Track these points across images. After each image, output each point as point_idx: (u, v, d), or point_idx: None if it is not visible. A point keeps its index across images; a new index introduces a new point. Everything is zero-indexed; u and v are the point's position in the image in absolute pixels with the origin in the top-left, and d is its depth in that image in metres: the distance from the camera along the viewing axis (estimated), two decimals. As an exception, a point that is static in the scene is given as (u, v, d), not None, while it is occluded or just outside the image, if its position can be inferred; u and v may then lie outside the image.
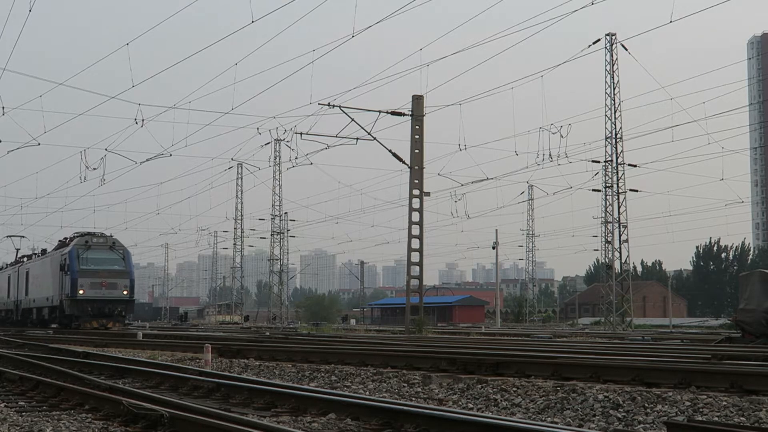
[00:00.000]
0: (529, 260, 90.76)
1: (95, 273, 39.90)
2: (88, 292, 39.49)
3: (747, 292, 22.19)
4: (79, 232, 43.09)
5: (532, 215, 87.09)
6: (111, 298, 39.93)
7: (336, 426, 7.88)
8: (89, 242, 40.85)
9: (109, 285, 39.98)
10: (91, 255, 40.30)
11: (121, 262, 40.88)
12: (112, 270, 40.43)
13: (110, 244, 41.44)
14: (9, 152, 39.02)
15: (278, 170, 68.31)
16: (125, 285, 40.45)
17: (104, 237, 41.83)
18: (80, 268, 39.73)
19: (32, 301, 46.97)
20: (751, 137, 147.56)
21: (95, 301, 39.61)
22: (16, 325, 49.71)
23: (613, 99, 47.92)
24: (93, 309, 39.45)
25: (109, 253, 40.96)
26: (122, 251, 41.50)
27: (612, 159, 48.15)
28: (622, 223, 48.69)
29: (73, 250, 40.33)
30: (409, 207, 37.00)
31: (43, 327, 43.79)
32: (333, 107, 34.99)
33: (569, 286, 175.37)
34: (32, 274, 47.61)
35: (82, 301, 39.36)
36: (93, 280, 39.72)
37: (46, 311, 43.91)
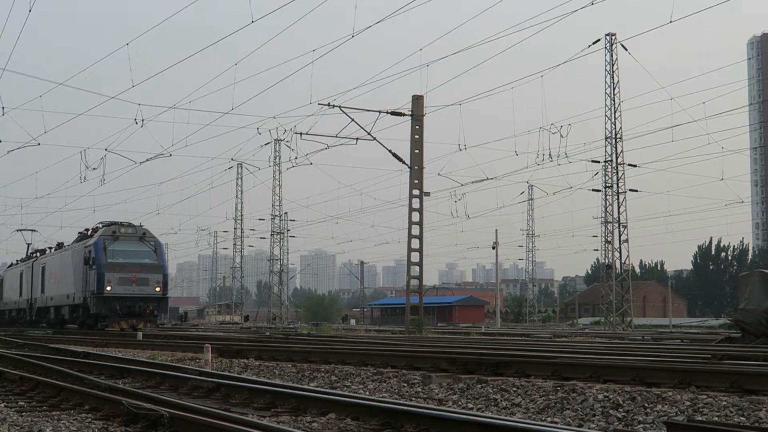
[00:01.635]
0: (529, 260, 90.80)
1: (124, 267, 35.62)
2: (116, 288, 35.22)
3: (747, 292, 22.18)
4: (105, 222, 38.72)
5: (532, 215, 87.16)
6: (142, 296, 35.71)
7: (336, 426, 7.88)
8: (117, 232, 36.50)
9: (140, 280, 35.71)
10: (120, 247, 36.07)
11: (152, 255, 36.60)
12: (142, 264, 36.17)
13: (140, 234, 37.03)
14: (9, 152, 39.00)
15: (278, 170, 68.36)
16: (157, 280, 36.23)
17: (133, 227, 37.54)
18: (107, 262, 35.43)
19: (49, 299, 42.88)
20: (751, 137, 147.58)
21: (124, 299, 35.39)
22: (30, 326, 46.26)
23: (613, 99, 47.93)
24: (122, 308, 35.21)
25: (139, 244, 36.66)
26: (153, 243, 37.17)
27: (612, 159, 48.15)
28: (622, 223, 48.69)
29: (99, 241, 36.00)
30: (409, 207, 37.01)
31: (61, 327, 40.68)
32: (333, 107, 35.02)
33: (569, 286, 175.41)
34: (50, 270, 43.31)
35: (110, 298, 35.14)
36: (122, 275, 35.41)
37: (66, 310, 39.92)
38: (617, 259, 49.21)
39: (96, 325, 35.73)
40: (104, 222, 38.58)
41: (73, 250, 39.48)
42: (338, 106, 35.18)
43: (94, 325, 36.14)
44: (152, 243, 37.01)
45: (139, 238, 36.76)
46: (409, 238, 36.98)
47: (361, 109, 35.98)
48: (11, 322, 52.74)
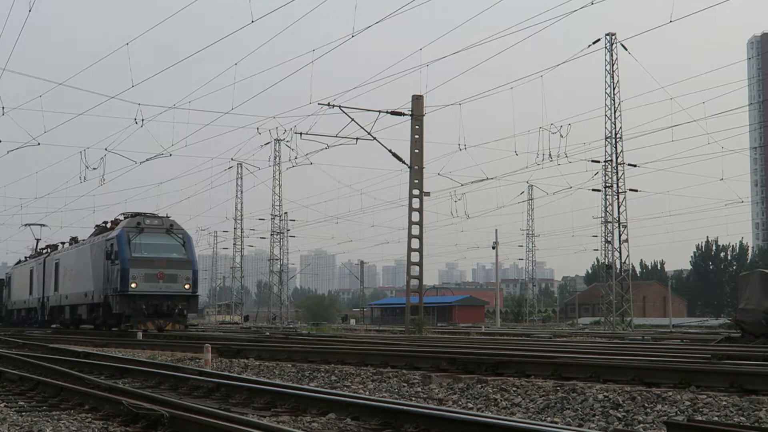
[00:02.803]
0: (529, 260, 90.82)
1: (150, 262, 32.26)
2: (141, 285, 31.88)
3: (747, 292, 22.20)
4: (127, 213, 35.41)
5: (532, 215, 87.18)
6: (170, 293, 32.34)
7: (336, 426, 7.88)
8: (141, 224, 33.07)
9: (168, 277, 32.39)
10: (145, 240, 32.77)
11: (180, 249, 33.21)
12: (170, 258, 32.82)
13: (167, 226, 33.64)
14: (9, 152, 38.99)
15: (278, 170, 68.37)
16: (187, 277, 32.85)
17: (159, 218, 34.22)
18: (132, 256, 32.01)
19: (64, 297, 39.54)
20: (751, 137, 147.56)
21: (151, 297, 31.98)
22: (42, 326, 43.38)
23: (613, 99, 47.93)
24: (148, 307, 31.77)
25: (167, 237, 33.31)
26: (182, 235, 33.72)
27: (612, 159, 48.15)
28: (622, 223, 48.69)
29: (123, 233, 32.57)
30: (409, 207, 37.01)
31: (76, 328, 38.31)
32: (333, 107, 35.01)
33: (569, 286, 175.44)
34: (64, 266, 39.88)
35: (135, 296, 31.76)
36: (148, 270, 32.09)
37: (83, 309, 36.54)
38: (617, 259, 49.23)
39: (118, 326, 32.86)
40: (126, 213, 35.39)
41: (91, 245, 36.28)
42: (338, 105, 35.18)
43: (116, 326, 33.40)
44: (180, 236, 33.69)
45: (166, 231, 33.42)
46: (409, 238, 36.98)
47: (361, 109, 36.00)
48: (20, 322, 49.96)
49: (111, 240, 33.14)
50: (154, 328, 31.47)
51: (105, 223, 37.31)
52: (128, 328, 32.09)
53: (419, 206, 36.98)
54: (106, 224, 36.99)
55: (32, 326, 44.82)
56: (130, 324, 31.78)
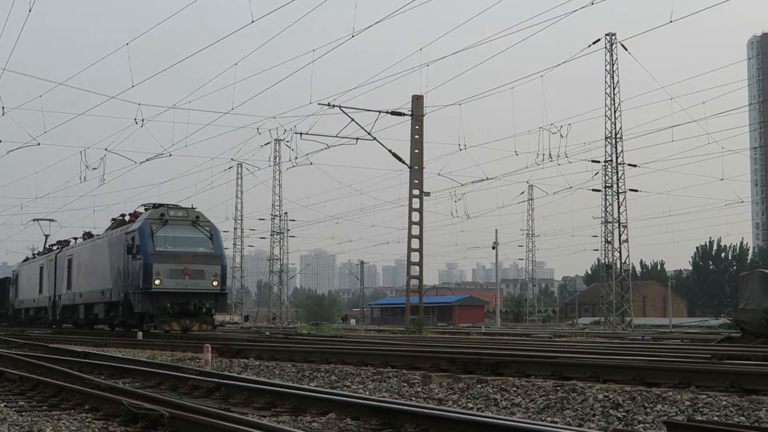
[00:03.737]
0: (529, 260, 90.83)
1: (175, 257, 29.57)
2: (166, 282, 29.24)
3: (747, 292, 22.19)
4: (147, 204, 32.62)
5: (532, 215, 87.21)
6: (197, 291, 29.67)
7: (336, 426, 7.88)
8: (165, 215, 30.40)
9: (194, 273, 29.71)
10: (169, 233, 30.10)
11: (207, 243, 30.55)
12: (197, 253, 30.10)
13: (193, 218, 30.88)
14: (9, 152, 39.02)
15: (278, 170, 68.41)
16: (215, 273, 30.12)
17: (184, 209, 31.47)
18: (155, 251, 29.38)
19: (78, 295, 37.07)
20: (751, 137, 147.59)
21: (176, 295, 29.31)
22: (52, 326, 41.54)
23: (613, 99, 47.95)
24: (173, 305, 29.13)
25: (193, 230, 30.56)
26: (208, 228, 31.00)
27: (612, 159, 48.18)
28: (622, 223, 48.71)
29: (145, 225, 29.95)
30: (409, 207, 37.01)
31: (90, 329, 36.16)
32: (333, 107, 35.04)
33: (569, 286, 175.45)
34: (78, 262, 37.30)
35: (159, 294, 29.11)
36: (173, 266, 29.41)
37: (100, 308, 34.15)
38: (617, 259, 49.24)
39: (140, 327, 30.30)
40: (147, 204, 32.61)
41: (109, 239, 33.63)
42: (338, 106, 35.20)
43: (136, 327, 30.91)
44: (207, 228, 30.94)
45: (192, 223, 30.64)
46: (409, 238, 36.99)
47: (361, 109, 36.02)
48: (29, 322, 47.29)
49: (132, 233, 30.46)
50: (180, 328, 29.04)
51: (122, 215, 35.10)
52: (151, 328, 29.75)
53: (419, 206, 36.98)
54: (123, 217, 34.73)
55: (42, 326, 43.04)
56: (154, 324, 29.33)
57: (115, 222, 35.25)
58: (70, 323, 39.25)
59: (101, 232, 38.03)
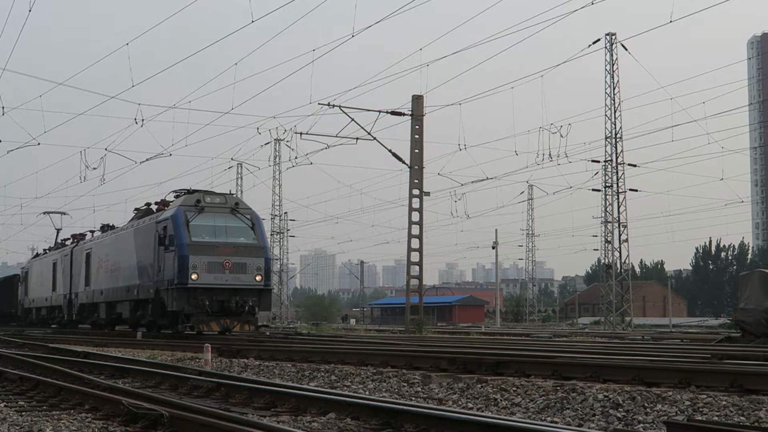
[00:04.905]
0: (529, 260, 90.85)
1: (214, 248, 26.23)
2: (204, 277, 25.88)
3: (747, 292, 22.19)
4: (179, 190, 29.29)
5: (532, 215, 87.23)
6: (238, 286, 26.32)
7: (336, 426, 7.87)
8: (201, 202, 27.02)
9: (235, 266, 26.38)
10: (206, 221, 26.79)
11: (249, 233, 27.19)
12: (238, 244, 26.80)
13: (232, 204, 27.60)
14: (9, 152, 39.02)
15: (278, 170, 68.38)
16: (258, 266, 26.73)
17: (221, 195, 28.11)
18: (192, 241, 25.99)
19: (98, 293, 33.78)
20: (751, 137, 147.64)
21: (215, 291, 25.99)
22: (67, 326, 38.67)
23: (613, 99, 47.97)
24: (212, 303, 25.73)
25: (232, 218, 27.24)
26: (249, 215, 27.58)
27: (612, 159, 48.20)
28: (622, 223, 48.73)
29: (179, 213, 26.53)
30: (409, 207, 37.02)
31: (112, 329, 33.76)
32: (333, 107, 35.06)
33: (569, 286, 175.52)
34: (99, 256, 34.13)
35: (196, 290, 25.69)
36: (212, 258, 26.06)
37: (124, 307, 30.85)
38: (617, 259, 49.25)
39: (175, 327, 27.08)
40: (178, 190, 29.33)
41: (135, 229, 30.28)
42: (338, 105, 35.22)
43: (169, 327, 27.83)
44: (248, 216, 27.56)
45: (231, 210, 27.37)
46: (409, 237, 36.99)
47: (361, 109, 36.05)
48: (41, 322, 44.11)
49: (164, 222, 27.12)
50: (219, 329, 25.90)
51: (148, 204, 31.84)
52: (187, 329, 26.46)
53: (419, 206, 37.00)
54: (149, 206, 31.62)
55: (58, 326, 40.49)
56: (190, 324, 26.02)
57: (140, 212, 32.16)
58: (88, 323, 36.49)
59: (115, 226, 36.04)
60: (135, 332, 30.32)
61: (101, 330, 34.19)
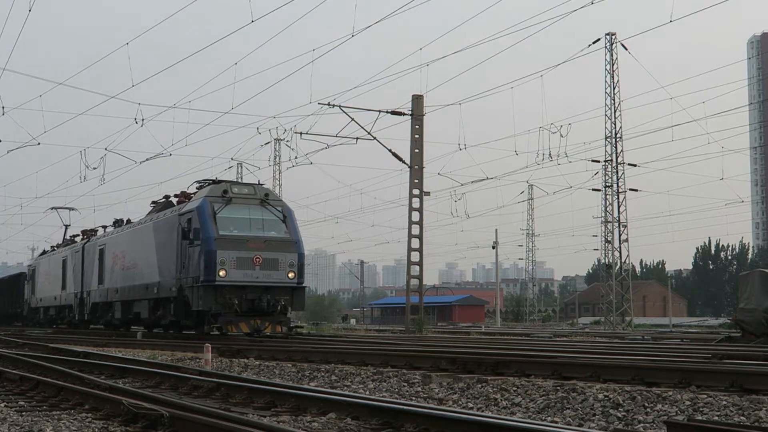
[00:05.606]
0: (529, 260, 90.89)
1: (243, 242, 24.38)
2: (233, 273, 24.04)
3: (747, 292, 22.21)
4: (203, 180, 27.38)
5: (532, 215, 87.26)
6: (270, 284, 24.46)
7: (336, 425, 7.87)
8: (229, 192, 25.14)
9: (266, 262, 24.45)
10: (234, 213, 24.95)
11: (280, 226, 25.33)
12: (269, 238, 24.92)
13: (261, 195, 25.65)
14: (9, 152, 39.01)
15: (278, 170, 68.28)
16: (291, 262, 24.76)
17: (250, 185, 26.32)
18: (219, 235, 24.18)
19: (113, 292, 31.85)
20: (751, 137, 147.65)
21: (245, 289, 24.16)
22: (78, 327, 37.06)
23: (613, 99, 47.99)
24: (241, 302, 23.97)
25: (262, 210, 25.34)
26: (281, 207, 25.72)
27: (612, 159, 48.23)
28: (622, 223, 48.74)
29: (205, 204, 24.63)
30: (409, 207, 37.02)
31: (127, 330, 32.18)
32: (333, 107, 35.06)
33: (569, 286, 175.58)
34: (113, 252, 32.22)
35: (225, 288, 23.90)
36: (240, 253, 24.23)
37: (143, 306, 28.91)
38: (617, 259, 49.25)
39: (200, 328, 25.21)
40: (202, 181, 27.41)
41: (155, 223, 28.39)
42: (338, 105, 35.22)
43: (194, 328, 25.93)
44: (279, 208, 25.67)
45: (261, 201, 25.46)
46: (409, 237, 37.00)
47: (361, 109, 36.05)
48: (49, 322, 42.40)
49: (188, 214, 25.22)
50: (249, 330, 24.01)
51: (166, 197, 29.83)
52: (213, 330, 24.64)
53: (419, 206, 37.00)
54: (168, 198, 29.59)
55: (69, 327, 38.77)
56: (218, 325, 24.21)
57: (158, 205, 30.27)
58: (101, 324, 34.65)
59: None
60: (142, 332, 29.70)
61: (115, 330, 32.60)
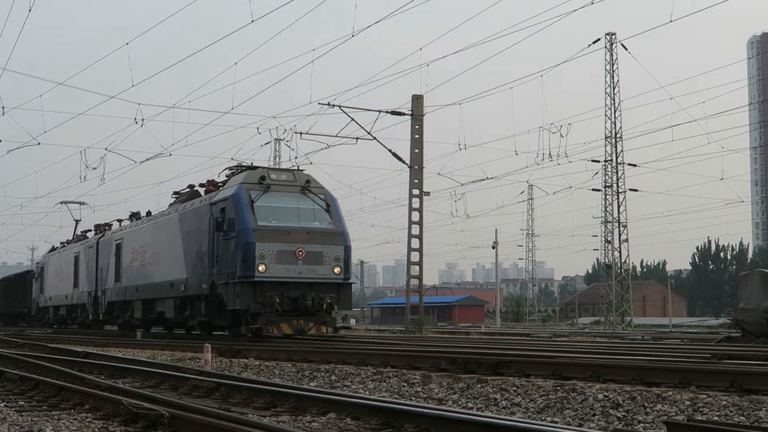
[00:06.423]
0: (529, 260, 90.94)
1: (284, 234, 22.04)
2: (273, 268, 21.68)
3: (747, 292, 22.20)
4: (236, 167, 25.05)
5: (531, 215, 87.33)
6: (314, 280, 22.19)
7: (336, 425, 7.88)
8: (267, 179, 22.80)
9: (309, 256, 22.14)
10: (273, 201, 22.64)
11: (324, 215, 23.06)
12: (312, 229, 22.58)
13: (302, 182, 23.26)
14: (9, 152, 39.00)
15: (278, 170, 68.32)
16: (336, 256, 22.54)
17: (289, 171, 24.30)
18: (258, 226, 21.83)
19: (132, 290, 29.56)
20: (751, 137, 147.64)
21: (287, 286, 21.85)
22: (92, 327, 35.35)
23: (613, 98, 47.99)
24: (283, 300, 21.57)
25: (303, 198, 23.05)
26: (323, 195, 23.35)
27: (612, 158, 48.22)
28: (621, 223, 48.73)
29: (241, 191, 22.33)
30: (409, 207, 37.02)
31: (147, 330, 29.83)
32: (333, 107, 35.03)
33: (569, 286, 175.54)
34: (133, 247, 29.89)
35: (265, 284, 21.64)
36: (282, 246, 21.86)
37: (168, 306, 26.49)
38: (617, 259, 49.25)
39: (236, 329, 22.88)
40: (234, 167, 25.04)
41: (181, 214, 25.91)
42: (338, 105, 35.19)
43: (230, 329, 23.52)
44: (321, 196, 23.30)
45: (301, 189, 23.09)
46: (409, 237, 36.99)
47: (361, 109, 36.01)
48: (59, 322, 40.66)
49: (222, 203, 22.83)
50: (291, 331, 21.95)
51: (191, 186, 27.68)
52: (252, 331, 21.82)
53: (419, 206, 36.99)
54: (192, 187, 27.45)
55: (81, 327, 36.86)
56: (257, 326, 21.68)
57: (182, 195, 28.01)
58: (117, 324, 32.52)
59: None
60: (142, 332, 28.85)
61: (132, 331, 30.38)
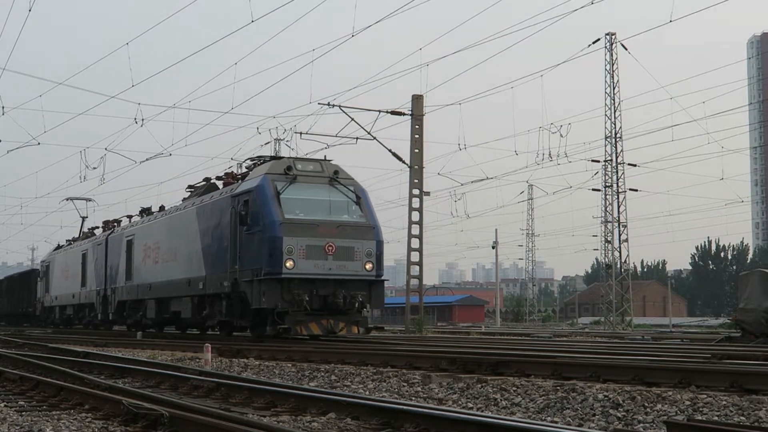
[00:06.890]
0: (529, 260, 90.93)
1: (313, 228, 20.72)
2: (301, 264, 20.36)
3: (747, 292, 22.20)
4: (259, 157, 23.77)
5: (531, 215, 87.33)
6: (345, 277, 20.90)
7: (336, 425, 7.88)
8: (293, 169, 21.37)
9: (340, 252, 20.81)
10: (300, 193, 21.26)
11: (354, 208, 21.79)
12: (342, 222, 21.31)
13: (330, 173, 21.87)
14: (9, 152, 38.99)
15: (278, 170, 68.24)
16: (368, 251, 21.36)
17: (316, 161, 22.63)
18: (285, 219, 20.46)
19: (144, 288, 28.30)
20: (751, 137, 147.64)
21: (316, 283, 20.56)
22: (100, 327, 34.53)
23: (613, 99, 47.99)
24: (312, 298, 20.31)
25: (332, 190, 21.68)
26: (353, 187, 21.96)
27: (612, 158, 48.23)
28: (621, 223, 48.73)
29: (266, 183, 20.95)
30: (408, 207, 37.02)
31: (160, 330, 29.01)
32: (333, 107, 35.02)
33: (569, 286, 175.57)
34: (145, 243, 28.61)
35: (293, 282, 20.32)
36: (310, 241, 20.52)
37: (185, 305, 25.19)
38: (617, 259, 49.26)
39: (260, 329, 21.69)
40: (256, 158, 23.75)
41: (199, 207, 24.52)
42: (338, 105, 35.18)
43: (253, 329, 22.27)
44: (351, 188, 21.92)
45: (330, 180, 21.72)
46: (409, 237, 36.99)
47: (361, 109, 36.00)
48: (66, 322, 39.66)
49: (245, 195, 21.42)
50: (321, 331, 20.68)
51: (207, 179, 26.51)
52: (280, 332, 20.45)
53: (419, 206, 36.99)
54: (209, 180, 26.23)
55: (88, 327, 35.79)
56: (285, 326, 20.26)
57: (198, 188, 26.78)
58: (128, 324, 31.33)
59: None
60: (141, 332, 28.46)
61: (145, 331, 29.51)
